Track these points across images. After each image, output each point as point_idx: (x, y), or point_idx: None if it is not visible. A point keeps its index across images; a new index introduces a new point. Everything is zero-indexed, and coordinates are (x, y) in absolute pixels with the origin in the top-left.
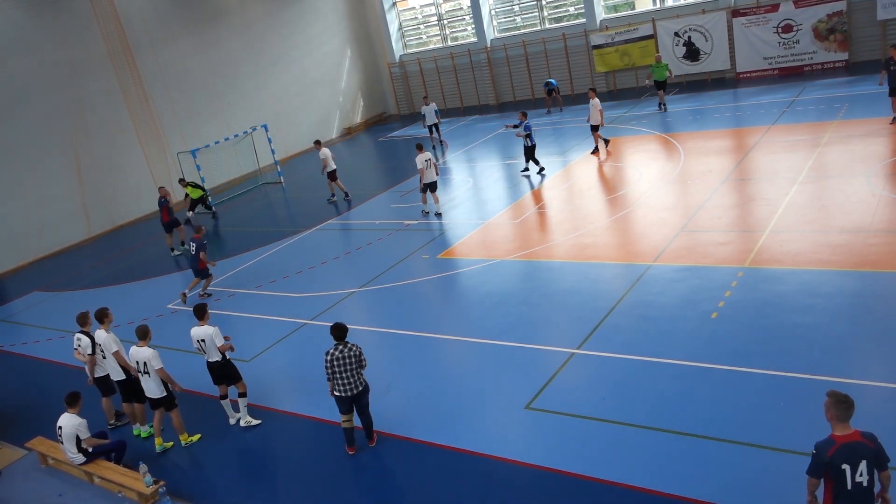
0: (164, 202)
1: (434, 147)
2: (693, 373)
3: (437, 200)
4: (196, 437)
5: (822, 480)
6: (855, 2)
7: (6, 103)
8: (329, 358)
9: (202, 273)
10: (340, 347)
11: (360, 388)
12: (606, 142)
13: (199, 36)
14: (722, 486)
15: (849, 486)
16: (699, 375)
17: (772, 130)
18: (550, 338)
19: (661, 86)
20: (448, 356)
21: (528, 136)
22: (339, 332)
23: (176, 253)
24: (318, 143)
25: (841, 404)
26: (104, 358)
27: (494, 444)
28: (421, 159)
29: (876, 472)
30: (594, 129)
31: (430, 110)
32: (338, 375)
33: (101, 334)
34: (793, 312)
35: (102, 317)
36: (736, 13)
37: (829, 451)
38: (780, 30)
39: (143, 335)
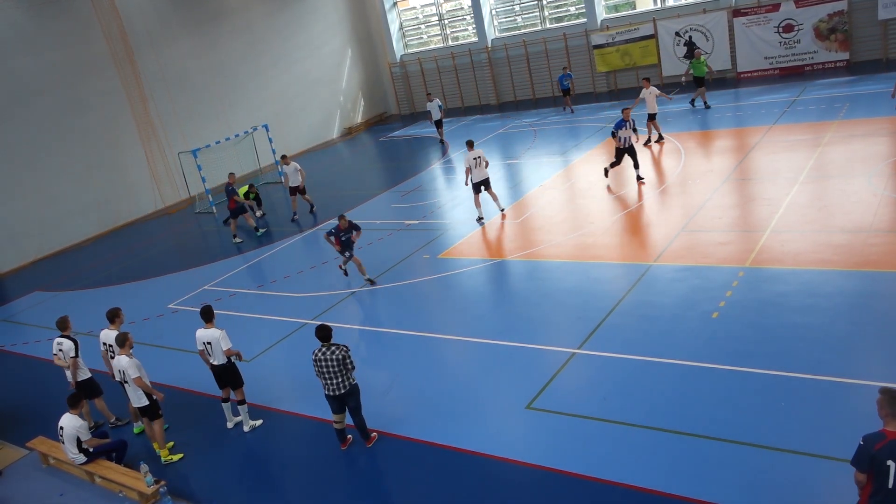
0: (230, 190)
1: (443, 143)
2: (694, 373)
3: (495, 197)
4: (178, 457)
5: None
6: (856, 1)
7: (7, 103)
8: (313, 358)
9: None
10: (324, 349)
11: (346, 389)
12: (660, 137)
13: (200, 36)
14: (723, 486)
15: (890, 485)
16: (700, 375)
17: (773, 130)
18: (551, 338)
19: (700, 82)
20: (448, 356)
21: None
22: (322, 333)
23: (238, 241)
24: (284, 157)
25: (894, 400)
26: (112, 357)
27: (495, 444)
28: (470, 157)
29: None
30: (651, 117)
31: (434, 106)
32: (325, 375)
33: (110, 335)
34: (794, 312)
35: (114, 317)
36: (737, 13)
37: (878, 444)
38: (780, 29)
39: (121, 343)
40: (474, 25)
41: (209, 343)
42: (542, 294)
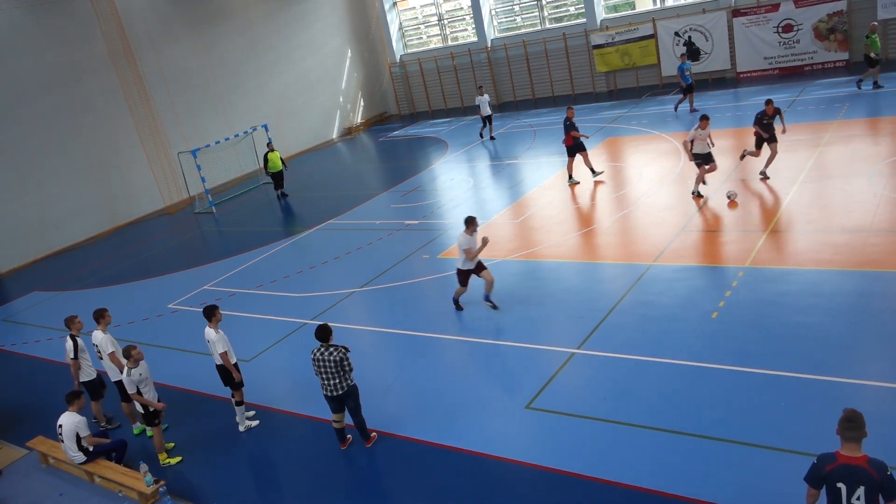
0: (569, 125)
1: (481, 137)
2: (694, 373)
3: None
4: (176, 460)
5: (821, 492)
6: (855, 1)
7: (7, 103)
8: (312, 358)
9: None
10: (322, 349)
11: (344, 391)
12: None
13: (200, 36)
14: (723, 486)
15: None
16: (700, 375)
17: None
18: (551, 337)
19: (873, 62)
20: (448, 356)
21: None
22: (321, 333)
23: (600, 172)
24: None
25: (847, 423)
26: (101, 359)
27: (495, 444)
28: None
29: (882, 500)
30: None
31: (483, 101)
32: (323, 375)
33: (97, 335)
34: (794, 312)
35: (99, 317)
36: (736, 13)
37: (828, 466)
38: (780, 29)
39: (126, 354)
40: (474, 25)
41: (209, 342)
42: (542, 294)
